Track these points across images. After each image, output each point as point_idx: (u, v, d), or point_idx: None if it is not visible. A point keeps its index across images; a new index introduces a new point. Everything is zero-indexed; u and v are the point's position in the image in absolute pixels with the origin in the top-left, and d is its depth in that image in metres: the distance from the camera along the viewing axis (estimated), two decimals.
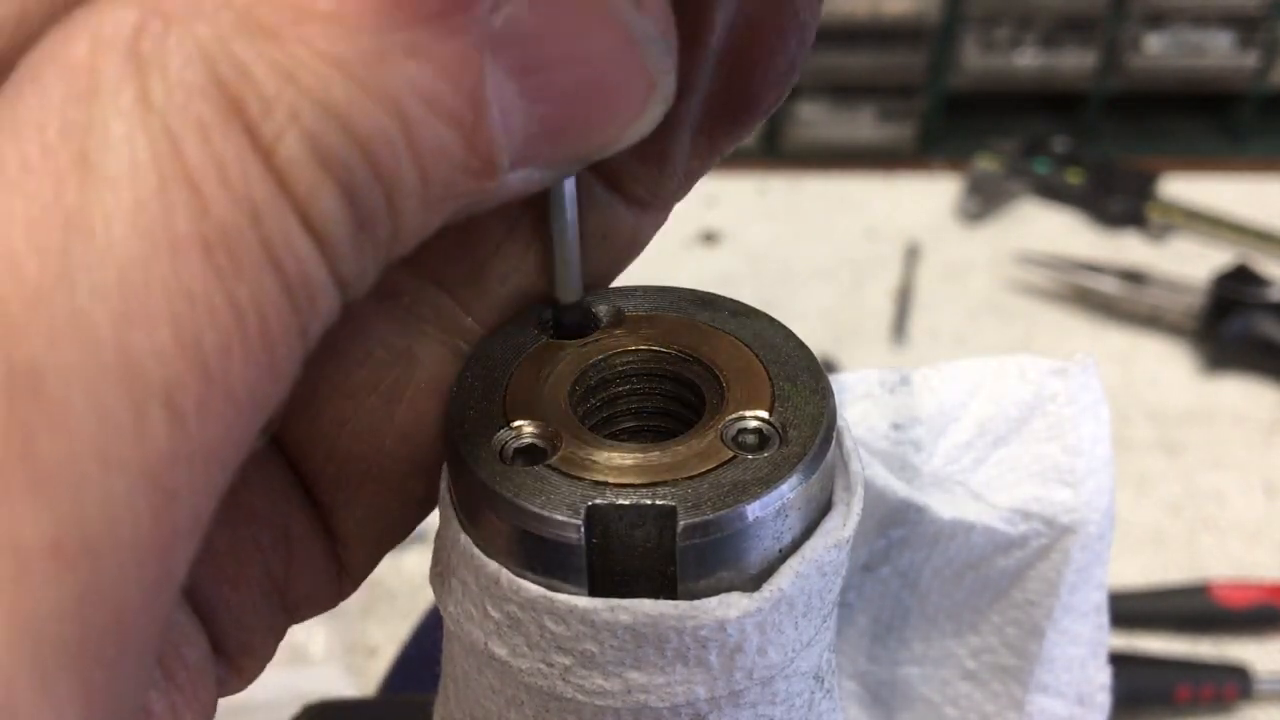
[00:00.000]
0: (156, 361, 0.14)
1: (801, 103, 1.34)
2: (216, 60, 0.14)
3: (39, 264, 0.13)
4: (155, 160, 0.14)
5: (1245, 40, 1.29)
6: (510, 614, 0.21)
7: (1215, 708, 0.81)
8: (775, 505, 0.21)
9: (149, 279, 0.14)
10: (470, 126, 0.16)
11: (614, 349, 0.24)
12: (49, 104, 0.14)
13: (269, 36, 0.15)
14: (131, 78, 0.14)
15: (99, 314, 0.14)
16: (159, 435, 0.14)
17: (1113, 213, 1.23)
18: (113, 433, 0.14)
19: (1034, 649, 0.31)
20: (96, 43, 0.14)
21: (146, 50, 0.14)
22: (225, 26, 0.15)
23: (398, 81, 0.15)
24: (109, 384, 0.14)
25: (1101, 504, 0.30)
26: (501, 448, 0.21)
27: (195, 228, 0.14)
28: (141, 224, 0.14)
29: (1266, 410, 1.03)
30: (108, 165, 0.14)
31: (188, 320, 0.14)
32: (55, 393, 0.13)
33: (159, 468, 0.14)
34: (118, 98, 0.14)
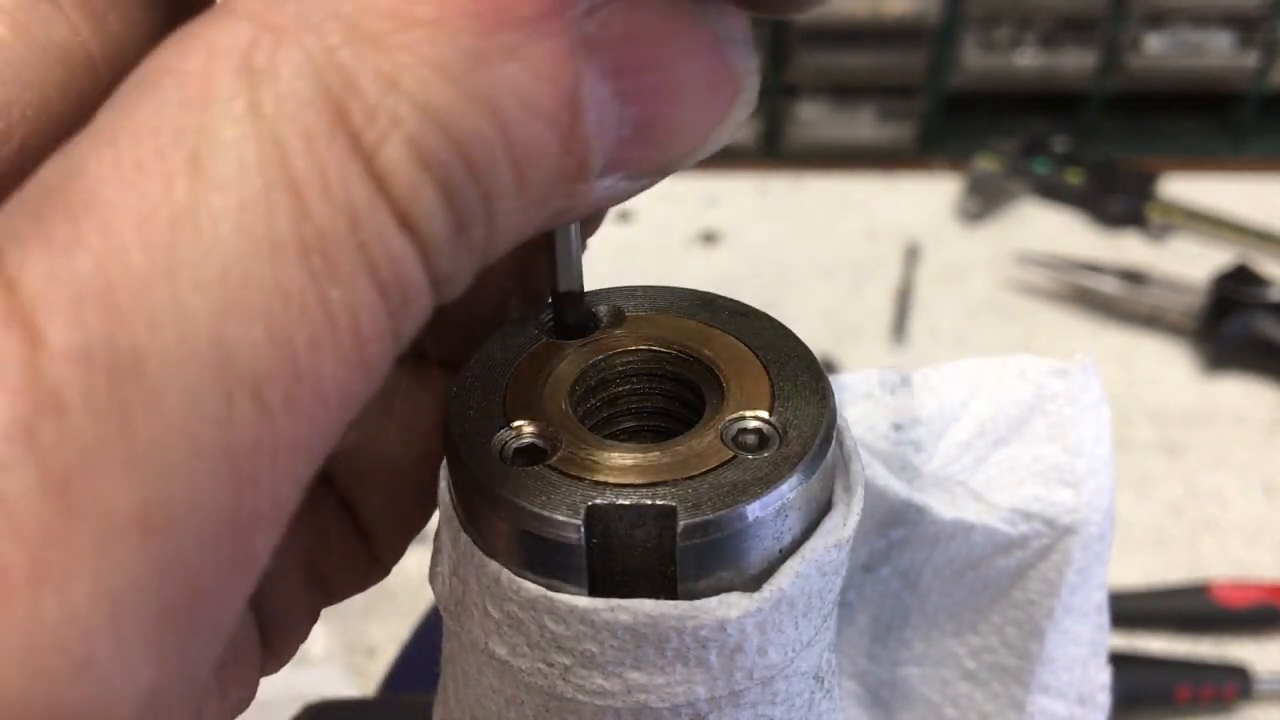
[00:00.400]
0: (249, 355, 0.15)
1: (801, 103, 1.34)
2: (323, 71, 0.15)
3: (146, 256, 0.14)
4: (262, 166, 0.15)
5: (1245, 40, 1.29)
6: (510, 614, 0.21)
7: (1215, 708, 0.81)
8: (775, 505, 0.21)
9: (247, 276, 0.15)
10: (566, 127, 0.17)
11: (614, 349, 0.24)
12: (165, 109, 0.15)
13: (373, 43, 0.15)
14: (244, 88, 0.15)
15: (199, 306, 0.14)
16: (245, 424, 0.15)
17: (1113, 213, 1.23)
18: (202, 417, 0.14)
19: (1034, 649, 0.31)
20: (212, 54, 0.15)
21: (259, 63, 0.15)
22: (332, 37, 0.15)
23: (496, 83, 0.16)
24: (203, 372, 0.14)
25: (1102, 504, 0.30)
26: (501, 448, 0.21)
27: (295, 230, 0.15)
28: (244, 224, 0.15)
29: (1267, 410, 1.03)
30: (217, 168, 0.15)
31: (281, 318, 0.15)
32: (154, 376, 0.14)
33: (242, 454, 0.15)
34: (231, 106, 0.15)
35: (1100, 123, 1.35)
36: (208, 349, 0.14)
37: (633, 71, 0.17)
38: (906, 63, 1.30)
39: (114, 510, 0.14)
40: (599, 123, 0.17)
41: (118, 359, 0.14)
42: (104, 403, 0.14)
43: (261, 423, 0.15)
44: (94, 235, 0.14)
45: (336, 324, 0.15)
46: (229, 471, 0.15)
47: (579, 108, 0.17)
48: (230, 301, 0.15)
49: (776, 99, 1.33)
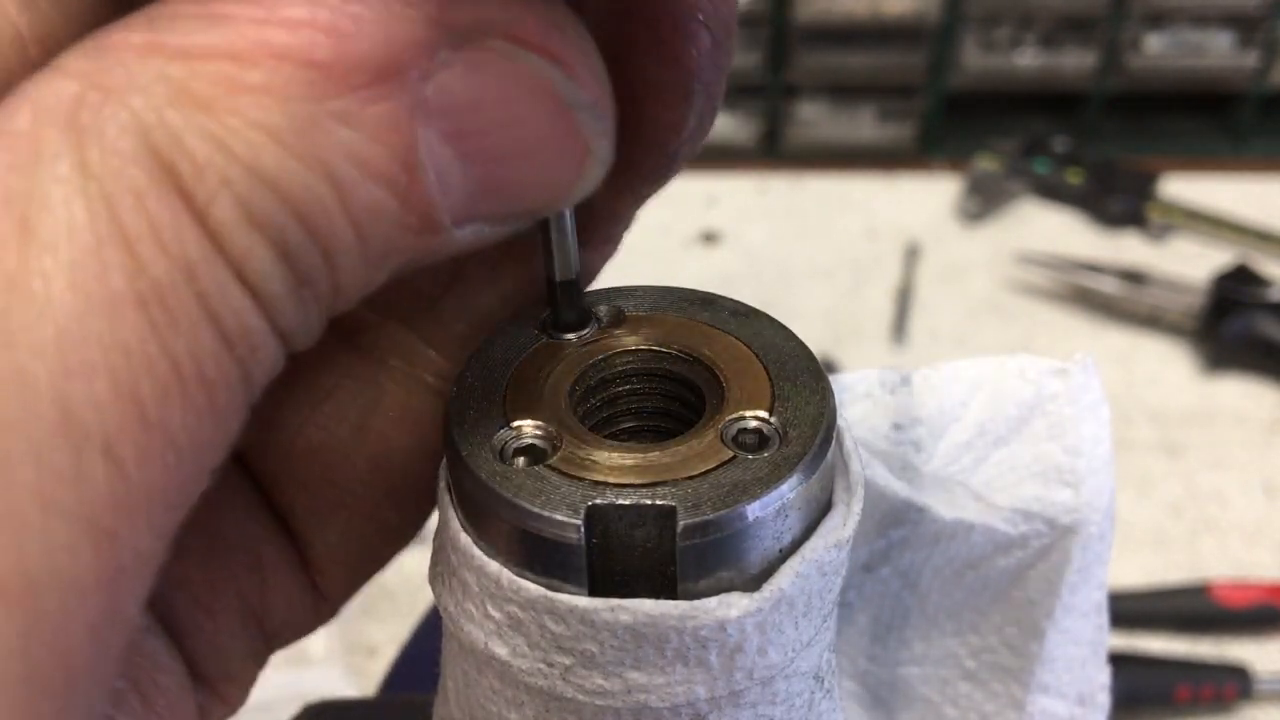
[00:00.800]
0: (94, 411, 0.15)
1: (801, 103, 1.34)
2: (151, 129, 0.15)
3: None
4: (92, 223, 0.15)
5: (1245, 40, 1.29)
6: (510, 614, 0.21)
7: (1215, 708, 0.81)
8: (775, 505, 0.21)
9: (85, 334, 0.15)
10: (405, 187, 0.17)
11: (614, 349, 0.24)
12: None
13: (202, 107, 0.16)
14: (70, 146, 0.15)
15: (37, 368, 0.14)
16: (98, 479, 0.15)
17: (1113, 213, 1.23)
18: (52, 479, 0.14)
19: (1034, 649, 0.31)
20: (38, 113, 0.15)
21: (85, 120, 0.15)
22: (160, 98, 0.16)
23: (329, 146, 0.16)
24: (48, 434, 0.14)
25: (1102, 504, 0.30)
26: (501, 448, 0.21)
27: (131, 285, 0.15)
28: (78, 282, 0.15)
29: (1266, 410, 1.03)
30: (46, 229, 0.15)
31: (124, 371, 0.15)
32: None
33: (99, 511, 0.15)
34: (56, 165, 0.15)
35: (1100, 123, 1.35)
36: (50, 409, 0.14)
37: (474, 135, 0.18)
38: (906, 63, 1.30)
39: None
40: (442, 182, 0.17)
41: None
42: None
43: (115, 478, 0.15)
44: None
45: (182, 373, 0.15)
46: (86, 529, 0.15)
47: (417, 169, 0.17)
48: (70, 360, 0.15)
49: (776, 99, 1.33)
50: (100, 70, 0.16)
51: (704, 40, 0.21)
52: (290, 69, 0.16)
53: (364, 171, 0.17)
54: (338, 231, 0.17)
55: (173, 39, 0.16)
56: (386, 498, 0.25)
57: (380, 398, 0.25)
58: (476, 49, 0.17)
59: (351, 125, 0.16)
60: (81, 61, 0.16)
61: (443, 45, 0.17)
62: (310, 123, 0.16)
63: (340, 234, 0.17)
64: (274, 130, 0.16)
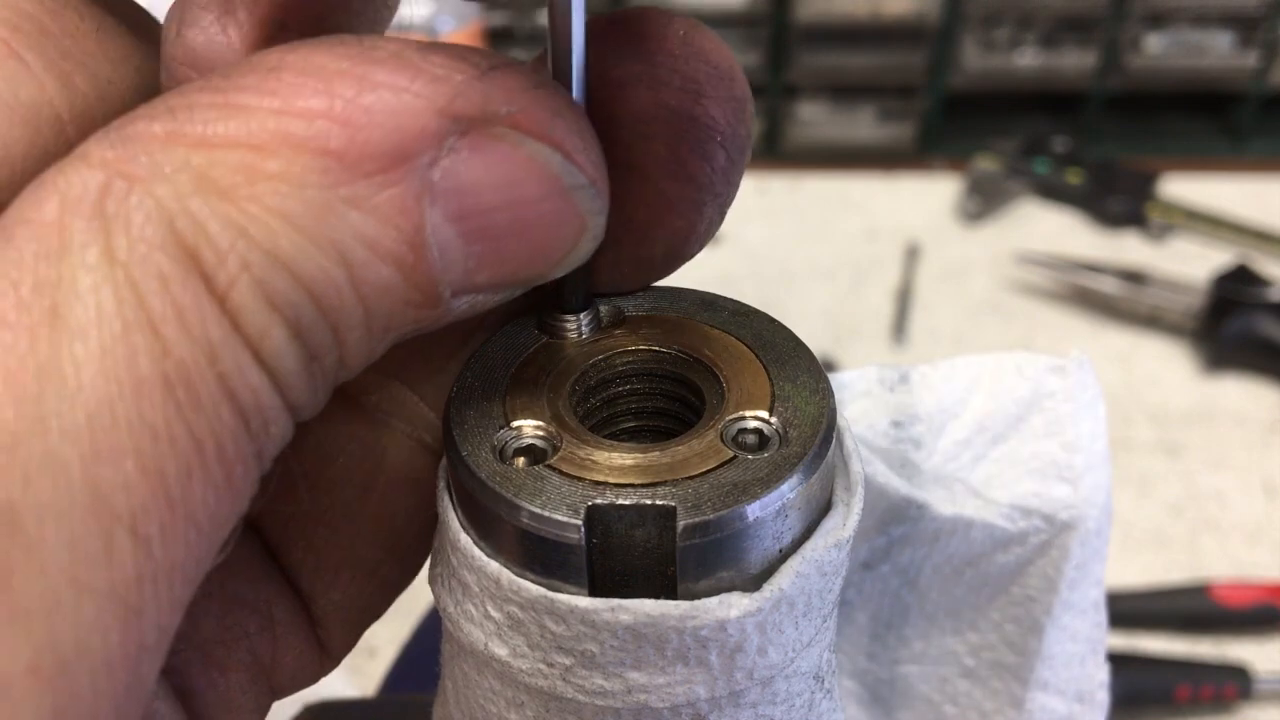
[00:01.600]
0: (123, 492, 0.15)
1: (801, 103, 1.34)
2: (175, 217, 0.16)
3: (15, 411, 0.15)
4: (119, 309, 0.16)
5: (1245, 40, 1.29)
6: (511, 614, 0.21)
7: (1215, 708, 0.81)
8: (775, 505, 0.20)
9: (115, 417, 0.15)
10: (410, 265, 0.18)
11: (614, 349, 0.24)
12: (23, 262, 0.16)
13: (222, 195, 0.16)
14: (97, 235, 0.16)
15: (70, 453, 0.15)
16: (126, 559, 0.15)
17: (1113, 213, 1.23)
18: (84, 560, 0.15)
19: (1033, 645, 0.31)
20: (65, 202, 0.16)
21: (111, 209, 0.16)
22: (183, 186, 0.16)
23: (342, 230, 0.17)
24: (80, 516, 0.15)
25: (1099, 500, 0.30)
26: (501, 448, 0.21)
27: (157, 368, 0.16)
28: (107, 368, 0.15)
29: (1266, 410, 1.03)
30: (76, 316, 0.15)
31: (150, 452, 0.15)
32: (30, 528, 0.14)
33: (126, 589, 0.15)
34: (85, 254, 0.16)
35: (1100, 123, 1.35)
36: (82, 493, 0.15)
37: (476, 215, 0.18)
38: (906, 63, 1.30)
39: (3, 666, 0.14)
40: (444, 259, 0.18)
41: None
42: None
43: (141, 556, 0.15)
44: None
45: (204, 452, 0.16)
46: (114, 608, 0.15)
47: (423, 248, 0.18)
48: (100, 444, 0.15)
49: (776, 99, 1.33)
50: (125, 159, 0.16)
51: (720, 159, 0.22)
52: (306, 158, 0.17)
53: (374, 252, 0.17)
54: (347, 309, 0.18)
55: (193, 129, 0.17)
56: (389, 555, 0.26)
57: (383, 460, 0.25)
58: (482, 136, 0.18)
59: (363, 209, 0.17)
60: (106, 150, 0.16)
61: (451, 133, 0.18)
62: (324, 208, 0.17)
63: (349, 311, 0.18)
64: (291, 215, 0.17)
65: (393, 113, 0.17)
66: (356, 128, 0.17)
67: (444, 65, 0.18)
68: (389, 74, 0.17)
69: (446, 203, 0.18)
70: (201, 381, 0.16)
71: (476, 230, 0.19)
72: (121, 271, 0.16)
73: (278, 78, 0.17)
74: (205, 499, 0.16)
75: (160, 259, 0.16)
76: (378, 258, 0.17)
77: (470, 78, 0.18)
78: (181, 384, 0.16)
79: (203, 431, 0.16)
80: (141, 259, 0.16)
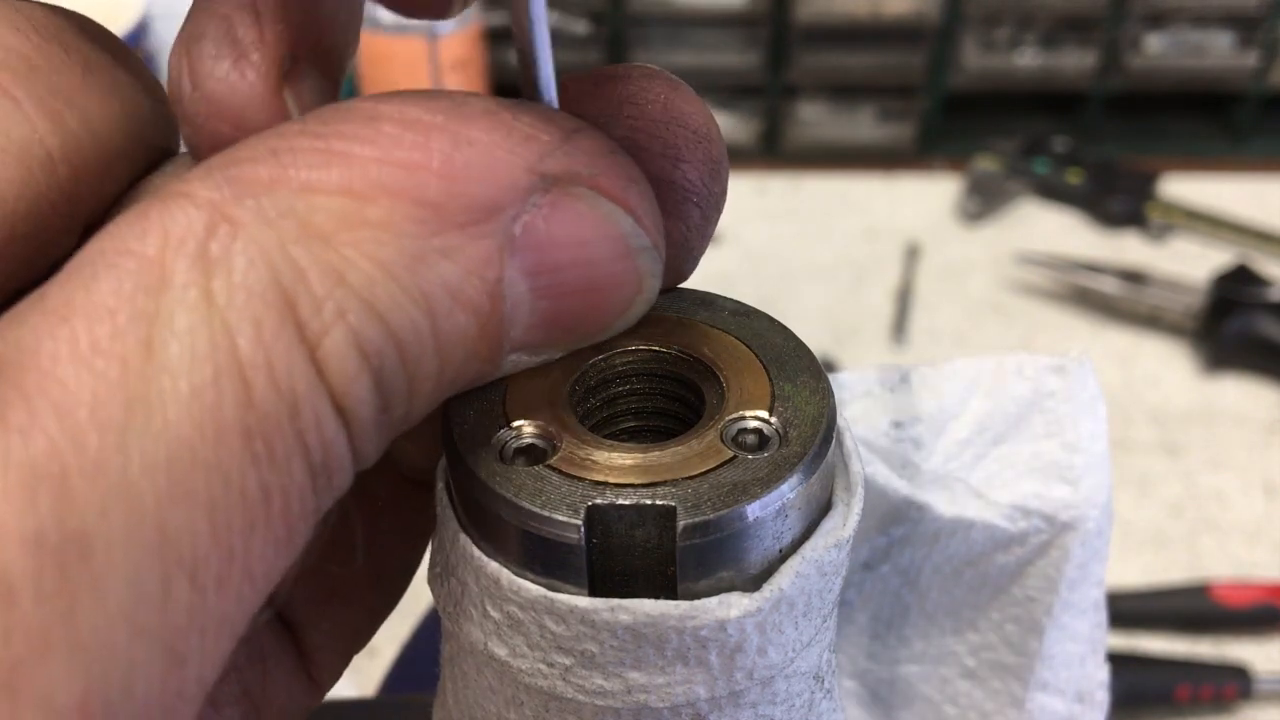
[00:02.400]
0: (189, 538, 0.15)
1: (801, 103, 1.34)
2: (277, 266, 0.16)
3: (99, 439, 0.15)
4: (212, 352, 0.16)
5: (1245, 40, 1.29)
6: (510, 614, 0.21)
7: (1215, 708, 0.81)
8: (775, 505, 0.20)
9: (194, 461, 0.15)
10: (486, 316, 0.18)
11: (614, 349, 0.24)
12: (122, 291, 0.16)
13: (324, 241, 0.17)
14: (199, 276, 0.16)
15: (146, 490, 0.15)
16: (180, 606, 0.15)
17: (1113, 213, 1.23)
18: (142, 600, 0.15)
19: (1034, 646, 0.31)
20: (168, 240, 0.16)
21: (214, 252, 0.16)
22: (286, 232, 0.16)
23: (431, 279, 0.17)
24: (144, 556, 0.15)
25: (1100, 500, 0.30)
26: (501, 448, 0.21)
27: (239, 417, 0.16)
28: (194, 411, 0.15)
29: (1267, 410, 1.03)
30: (170, 353, 0.15)
31: (220, 502, 0.15)
32: (99, 561, 0.14)
33: (174, 636, 0.15)
34: (185, 293, 0.16)
35: (1100, 123, 1.35)
36: (151, 533, 0.15)
37: (548, 271, 0.19)
38: (906, 63, 1.30)
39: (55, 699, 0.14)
40: (513, 313, 0.19)
41: (67, 543, 0.14)
42: (52, 589, 0.14)
43: (195, 604, 0.15)
44: (49, 418, 0.14)
45: (270, 506, 0.16)
46: (162, 654, 0.15)
47: (500, 299, 0.18)
48: (176, 486, 0.15)
49: (776, 99, 1.33)
50: (230, 201, 0.16)
51: (695, 218, 0.23)
52: (405, 207, 0.17)
53: (456, 301, 0.18)
54: (425, 359, 0.18)
55: (297, 174, 0.17)
56: (376, 584, 0.26)
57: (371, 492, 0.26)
58: (563, 194, 0.19)
59: (454, 260, 0.18)
60: (212, 191, 0.17)
61: (536, 190, 0.18)
62: (418, 257, 0.17)
63: (427, 361, 0.18)
64: (387, 264, 0.17)
65: (487, 167, 0.18)
66: (453, 180, 0.18)
67: (533, 124, 0.19)
68: (483, 130, 0.18)
69: (524, 257, 0.19)
70: (279, 435, 0.16)
71: (546, 286, 0.19)
72: (219, 315, 0.16)
73: (377, 128, 0.18)
74: (264, 554, 0.16)
75: (258, 306, 0.16)
76: (460, 307, 0.18)
77: (556, 139, 0.19)
78: (261, 435, 0.16)
79: (273, 485, 0.16)
80: (240, 306, 0.16)
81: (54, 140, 0.20)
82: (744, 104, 1.33)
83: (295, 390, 0.16)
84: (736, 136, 1.34)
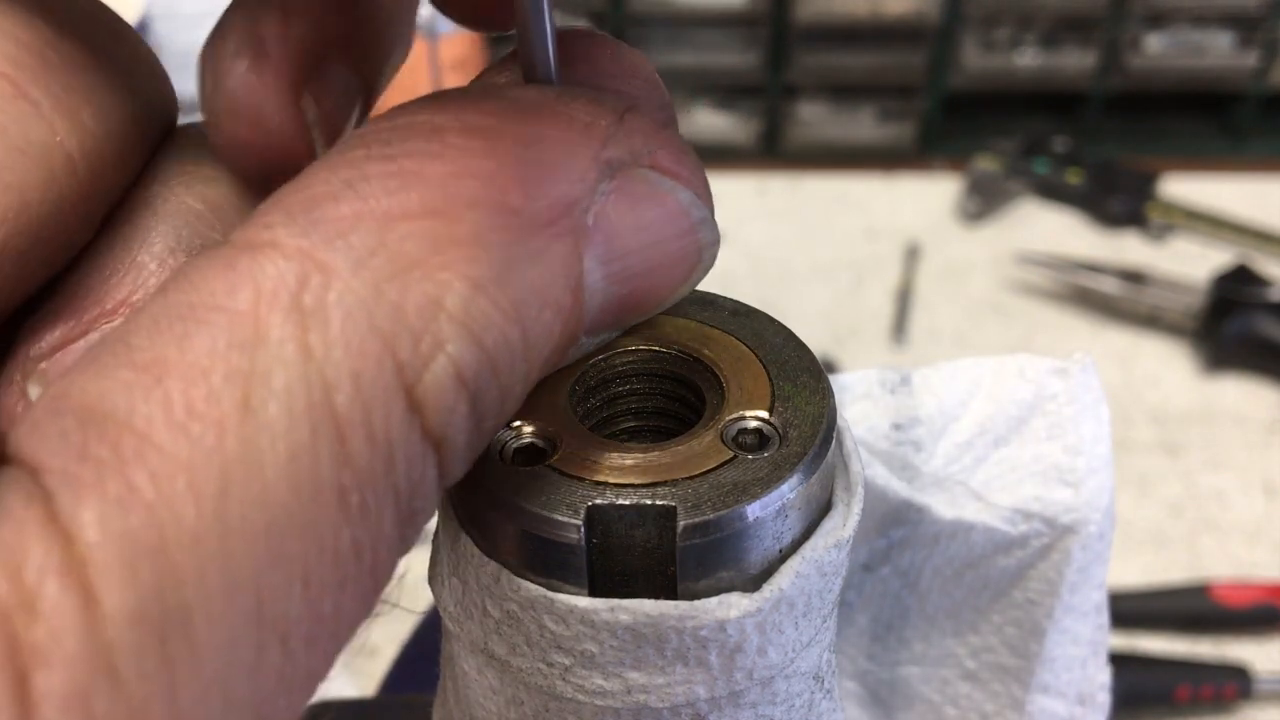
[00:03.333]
0: (284, 602, 0.15)
1: (801, 103, 1.34)
2: (373, 310, 0.16)
3: (197, 508, 0.14)
4: (309, 411, 0.15)
5: (1245, 40, 1.29)
6: (510, 613, 0.21)
7: (1215, 708, 0.81)
8: (775, 505, 0.20)
9: (291, 525, 0.15)
10: (568, 313, 0.18)
11: (614, 349, 0.24)
12: (215, 350, 0.15)
13: (418, 269, 0.16)
14: (295, 331, 0.15)
15: (244, 557, 0.14)
16: (271, 670, 0.15)
17: (1113, 213, 1.23)
18: (236, 669, 0.14)
19: (1034, 649, 0.31)
20: (260, 294, 0.15)
21: (309, 304, 0.15)
22: (379, 271, 0.16)
23: (521, 287, 0.17)
24: (242, 623, 0.14)
25: (1102, 503, 0.30)
26: (501, 448, 0.21)
27: (335, 476, 0.15)
28: (291, 474, 0.15)
29: (1267, 410, 1.03)
30: (267, 414, 0.15)
31: (315, 563, 0.15)
32: (198, 632, 0.14)
33: (262, 701, 0.15)
34: (281, 349, 0.15)
35: (1100, 123, 1.35)
36: (248, 600, 0.14)
37: (619, 257, 0.19)
38: (906, 63, 1.30)
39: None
40: (589, 303, 0.19)
41: (168, 617, 0.14)
42: (153, 665, 0.14)
43: (285, 668, 0.15)
44: (147, 486, 0.14)
45: (361, 563, 0.16)
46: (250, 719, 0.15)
47: (580, 292, 0.18)
48: (273, 551, 0.15)
49: (776, 99, 1.33)
50: (319, 248, 0.16)
51: None
52: (488, 217, 0.17)
53: (543, 304, 0.17)
54: (516, 367, 0.17)
55: (378, 203, 0.16)
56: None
57: None
58: (626, 179, 0.19)
59: (539, 263, 0.17)
60: (298, 239, 0.16)
61: (604, 178, 0.18)
62: (508, 267, 0.17)
63: (518, 369, 0.17)
64: (480, 281, 0.16)
65: (558, 164, 0.18)
66: (529, 182, 0.17)
67: (588, 112, 0.19)
68: (546, 126, 0.18)
69: (597, 247, 0.18)
70: (372, 489, 0.16)
71: (618, 272, 0.19)
72: (316, 370, 0.15)
73: (442, 140, 0.17)
74: (351, 610, 0.16)
75: (356, 358, 0.15)
76: (547, 309, 0.17)
77: (613, 122, 0.19)
78: (355, 492, 0.15)
79: (364, 542, 0.16)
80: (338, 360, 0.15)
81: (73, 141, 0.20)
82: (744, 104, 1.33)
83: (391, 440, 0.16)
84: (736, 136, 1.34)
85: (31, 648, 0.13)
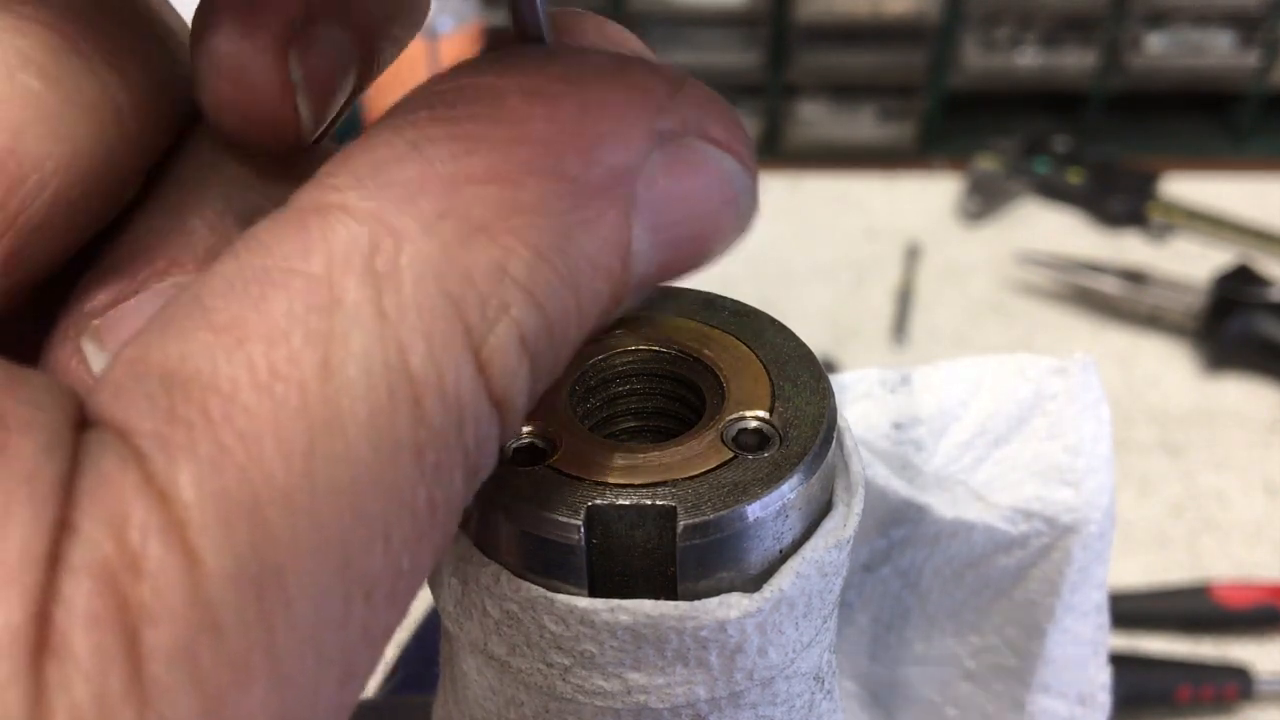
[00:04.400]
0: (367, 557, 0.15)
1: (801, 103, 1.34)
2: (444, 273, 0.16)
3: (286, 467, 0.15)
4: (386, 372, 0.15)
5: (1245, 40, 1.29)
6: (509, 614, 0.21)
7: (1216, 708, 0.81)
8: (776, 506, 0.20)
9: (372, 483, 0.15)
10: (617, 279, 0.18)
11: (614, 349, 0.24)
12: (294, 313, 0.15)
13: (485, 234, 0.16)
14: (370, 294, 0.16)
15: (331, 515, 0.15)
16: (356, 625, 0.15)
17: (1113, 213, 1.23)
18: (327, 623, 0.15)
19: (1035, 649, 0.31)
20: (332, 258, 0.16)
21: (381, 267, 0.16)
22: (447, 234, 0.16)
23: (577, 255, 0.17)
24: (331, 579, 0.15)
25: (1102, 503, 0.30)
26: (501, 448, 0.21)
27: (412, 435, 0.16)
28: (372, 433, 0.15)
29: (1267, 410, 1.03)
30: (347, 374, 0.15)
31: (395, 520, 0.15)
32: (292, 587, 0.14)
33: (346, 654, 0.15)
34: (359, 311, 0.15)
35: (1100, 123, 1.35)
36: (336, 558, 0.15)
37: (667, 226, 0.19)
38: (906, 63, 1.30)
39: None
40: (636, 268, 0.19)
41: (264, 574, 0.14)
42: (253, 619, 0.14)
43: (369, 621, 0.15)
44: (237, 448, 0.14)
45: (435, 518, 0.16)
46: (340, 673, 0.15)
47: (629, 260, 0.18)
48: (357, 509, 0.15)
49: (776, 99, 1.33)
50: (387, 211, 0.16)
51: None
52: (549, 184, 0.17)
53: (595, 270, 0.18)
54: (570, 332, 0.18)
55: (444, 167, 0.17)
56: None
57: None
58: (677, 147, 0.19)
59: (593, 230, 0.17)
60: (368, 201, 0.16)
61: (654, 147, 0.18)
62: (565, 235, 0.17)
63: (572, 334, 0.18)
64: (542, 248, 0.17)
65: (614, 132, 0.18)
66: (587, 150, 0.17)
67: (644, 78, 0.19)
68: (605, 92, 0.18)
69: (646, 215, 0.18)
70: (446, 450, 0.16)
71: (665, 240, 0.19)
72: (392, 333, 0.15)
73: (503, 103, 0.17)
74: (424, 565, 0.16)
75: (428, 321, 0.16)
76: (598, 276, 0.18)
77: (668, 92, 0.19)
78: (431, 451, 0.16)
79: (438, 500, 0.16)
80: (412, 322, 0.16)
81: (123, 94, 0.20)
82: (744, 104, 1.33)
83: (462, 401, 0.16)
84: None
85: (140, 605, 0.13)
